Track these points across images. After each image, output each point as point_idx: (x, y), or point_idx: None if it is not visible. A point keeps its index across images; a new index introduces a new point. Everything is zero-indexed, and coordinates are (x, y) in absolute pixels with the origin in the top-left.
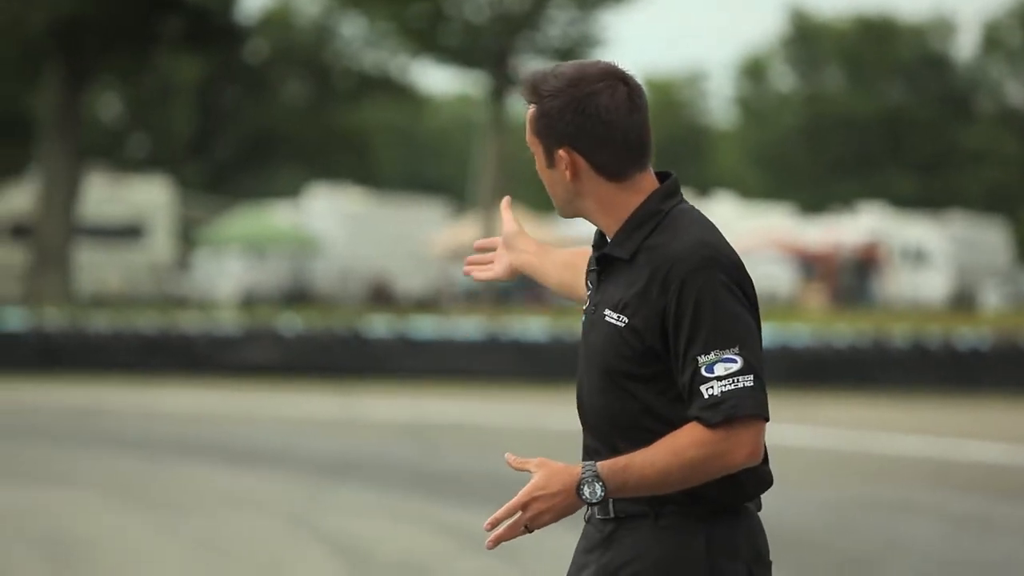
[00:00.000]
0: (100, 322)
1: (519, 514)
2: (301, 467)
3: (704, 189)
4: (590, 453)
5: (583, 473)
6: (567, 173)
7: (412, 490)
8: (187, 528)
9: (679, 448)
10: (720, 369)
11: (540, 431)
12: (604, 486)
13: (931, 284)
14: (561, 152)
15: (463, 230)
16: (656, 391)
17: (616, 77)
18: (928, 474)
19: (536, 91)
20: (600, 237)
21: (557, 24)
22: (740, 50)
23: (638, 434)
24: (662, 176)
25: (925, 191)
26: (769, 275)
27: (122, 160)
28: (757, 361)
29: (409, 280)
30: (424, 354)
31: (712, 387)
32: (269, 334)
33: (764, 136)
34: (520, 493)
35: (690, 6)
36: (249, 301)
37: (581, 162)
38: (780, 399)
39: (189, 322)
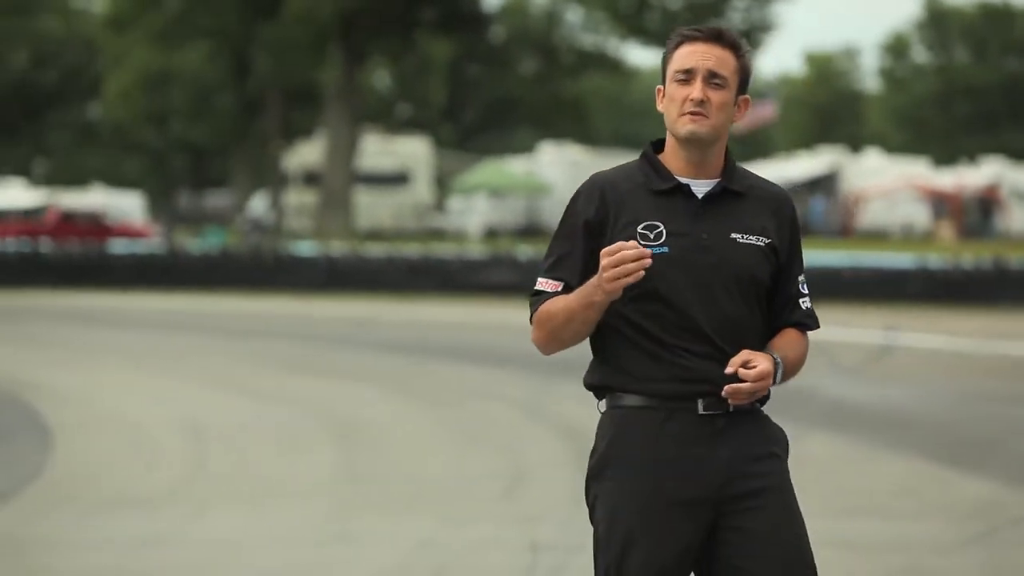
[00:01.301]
0: (374, 250)
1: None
2: (535, 367)
3: (856, 145)
4: (702, 357)
5: (776, 363)
6: (737, 114)
7: None
8: (443, 414)
9: (803, 348)
10: (805, 288)
11: None
12: (782, 374)
13: None
14: (743, 97)
15: None
16: (767, 301)
17: None
18: None
19: (738, 47)
20: (663, 180)
21: (738, 11)
22: (885, 30)
23: (754, 337)
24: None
25: None
26: (908, 213)
27: (391, 122)
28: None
29: None
30: None
31: (806, 301)
32: (508, 259)
33: (904, 101)
34: (761, 370)
35: None
36: (491, 234)
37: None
38: (918, 312)
39: (444, 251)
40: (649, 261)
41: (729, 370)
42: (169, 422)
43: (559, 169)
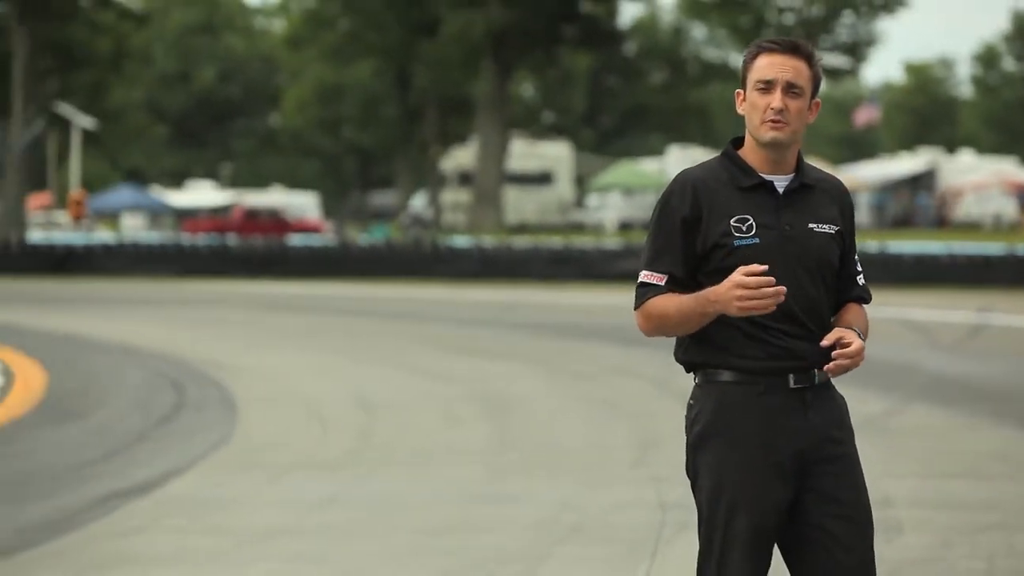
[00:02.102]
0: (521, 242)
1: (855, 359)
2: (662, 346)
3: (951, 146)
4: (793, 336)
5: (862, 338)
6: (811, 115)
7: None
8: (582, 389)
9: (867, 320)
10: (859, 266)
11: None
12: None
13: None
14: (815, 101)
15: None
16: (833, 279)
17: None
18: None
19: (811, 57)
20: (748, 177)
21: (845, 26)
22: (977, 42)
23: (828, 314)
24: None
25: None
26: (999, 206)
27: (536, 128)
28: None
29: None
30: None
31: (861, 277)
32: (640, 250)
33: (995, 106)
34: (857, 346)
35: (942, 10)
36: (625, 227)
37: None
38: (1009, 295)
39: (583, 242)
40: (783, 298)
41: (826, 343)
42: (341, 396)
43: (685, 168)
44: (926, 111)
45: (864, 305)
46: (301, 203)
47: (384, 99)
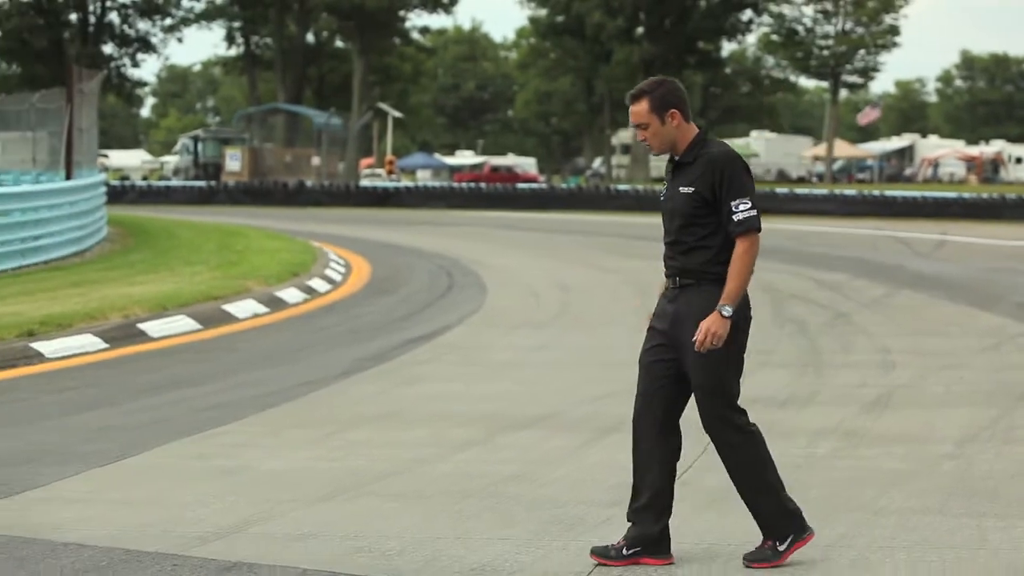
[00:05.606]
0: (661, 188)
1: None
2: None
3: (924, 132)
4: (670, 258)
5: (722, 309)
6: (671, 124)
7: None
8: None
9: (736, 257)
10: (741, 207)
11: None
12: (732, 305)
13: None
14: (671, 112)
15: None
16: (705, 224)
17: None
18: None
19: (644, 93)
20: (672, 159)
21: (859, 59)
22: (939, 68)
23: (700, 252)
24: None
25: None
26: (954, 169)
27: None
28: (756, 204)
29: None
30: None
31: (738, 215)
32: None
33: (950, 108)
34: (699, 339)
35: (920, 48)
36: None
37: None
38: (960, 223)
39: None
40: None
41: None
42: (548, 282)
43: (761, 144)
44: (908, 110)
45: (739, 237)
46: (525, 163)
47: (577, 100)
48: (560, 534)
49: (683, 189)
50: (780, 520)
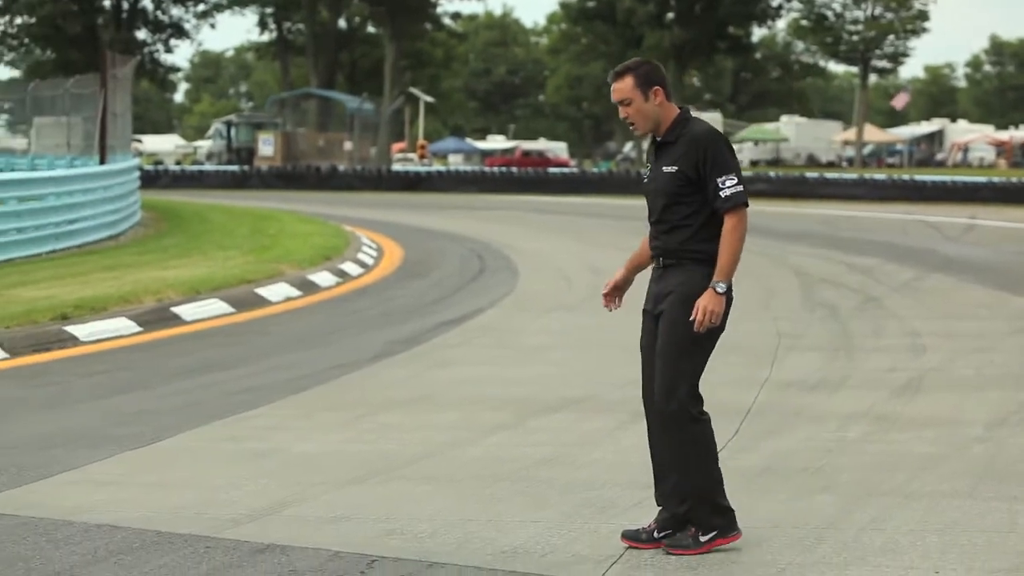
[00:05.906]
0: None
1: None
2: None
3: (953, 117)
4: (655, 237)
5: (716, 285)
6: (655, 102)
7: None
8: None
9: (726, 233)
10: (728, 183)
11: None
12: (725, 282)
13: None
14: (655, 89)
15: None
16: (689, 202)
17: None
18: None
19: (629, 70)
20: (654, 139)
21: (890, 44)
22: (969, 53)
23: (681, 231)
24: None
25: None
26: (983, 154)
27: (700, 104)
28: (742, 180)
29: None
30: None
31: (724, 192)
32: (764, 177)
33: (979, 94)
34: (697, 319)
35: (951, 31)
36: (754, 164)
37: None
38: (989, 207)
39: None
40: None
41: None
42: (579, 265)
43: (791, 129)
44: (937, 95)
45: (728, 213)
46: (556, 148)
47: (607, 86)
48: (591, 517)
49: (666, 168)
50: (710, 514)
